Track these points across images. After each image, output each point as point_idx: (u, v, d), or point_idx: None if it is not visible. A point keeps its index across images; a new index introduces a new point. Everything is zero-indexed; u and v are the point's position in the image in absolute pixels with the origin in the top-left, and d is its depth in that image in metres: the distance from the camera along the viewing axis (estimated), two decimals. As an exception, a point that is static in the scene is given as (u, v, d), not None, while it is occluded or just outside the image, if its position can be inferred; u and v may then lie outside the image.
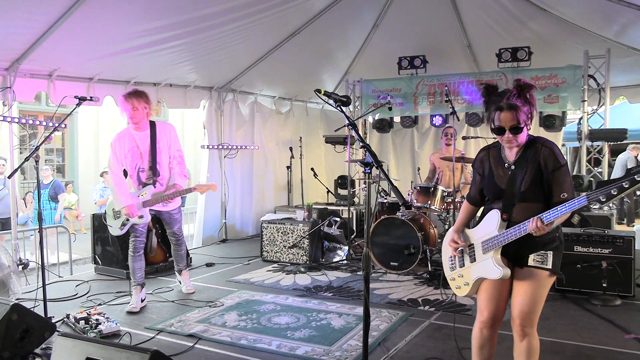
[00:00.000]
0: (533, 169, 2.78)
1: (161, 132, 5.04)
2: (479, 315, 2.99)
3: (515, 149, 2.86)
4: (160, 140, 5.03)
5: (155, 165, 5.00)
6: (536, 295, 2.81)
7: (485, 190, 3.00)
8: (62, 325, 4.49)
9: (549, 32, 7.59)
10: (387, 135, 9.75)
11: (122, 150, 4.98)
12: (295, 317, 4.78)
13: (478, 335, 3.02)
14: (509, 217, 2.81)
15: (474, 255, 2.97)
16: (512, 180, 2.83)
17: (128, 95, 4.91)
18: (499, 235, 2.81)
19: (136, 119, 4.92)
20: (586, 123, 7.39)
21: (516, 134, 2.77)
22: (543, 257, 2.80)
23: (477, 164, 3.08)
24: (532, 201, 2.77)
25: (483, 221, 2.96)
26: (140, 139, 5.01)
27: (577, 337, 4.21)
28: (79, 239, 10.77)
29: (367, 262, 2.77)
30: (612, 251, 5.15)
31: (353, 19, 8.07)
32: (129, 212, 4.91)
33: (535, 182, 2.77)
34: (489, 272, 2.85)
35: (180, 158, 5.12)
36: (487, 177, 2.97)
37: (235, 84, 8.77)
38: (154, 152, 4.99)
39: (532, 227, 2.61)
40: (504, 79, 7.78)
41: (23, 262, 5.89)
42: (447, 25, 8.15)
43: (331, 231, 7.36)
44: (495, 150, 2.99)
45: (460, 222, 3.13)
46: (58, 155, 14.24)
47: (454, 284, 3.13)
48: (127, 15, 5.64)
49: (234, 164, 9.04)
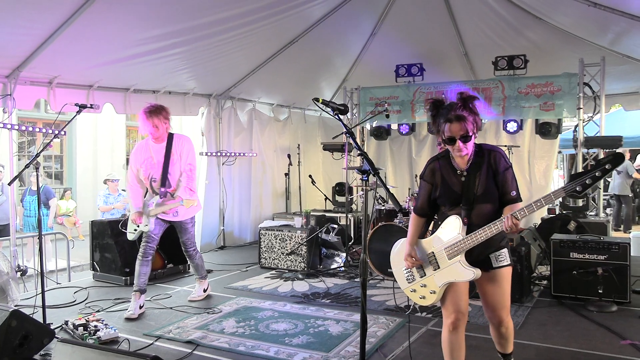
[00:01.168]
0: (486, 173, 3.00)
1: (176, 145, 5.12)
2: (447, 318, 3.14)
3: (465, 157, 3.03)
4: (175, 153, 5.10)
5: (166, 176, 5.07)
6: (507, 289, 3.15)
7: (442, 199, 3.13)
8: (60, 332, 4.50)
9: (544, 41, 7.66)
10: (384, 142, 9.81)
11: (137, 161, 5.14)
12: (293, 324, 4.80)
13: (448, 339, 3.15)
14: (469, 220, 3.00)
15: (436, 263, 3.09)
16: (468, 186, 3.02)
17: (149, 114, 4.97)
18: (466, 239, 2.96)
19: (156, 135, 5.05)
20: (582, 130, 7.45)
21: (466, 142, 2.95)
22: (502, 255, 3.09)
23: (428, 175, 3.19)
24: (487, 202, 3.00)
25: (441, 228, 3.09)
26: (156, 150, 5.11)
27: (573, 344, 4.24)
28: (77, 246, 10.78)
29: (364, 269, 2.81)
30: (608, 257, 5.18)
31: (351, 27, 8.14)
32: (133, 218, 5.11)
33: (489, 184, 2.99)
34: (461, 275, 3.01)
35: (190, 172, 5.15)
36: (442, 186, 3.12)
37: (233, 91, 8.83)
38: (167, 164, 5.06)
39: (507, 225, 2.81)
40: (500, 86, 7.85)
41: (22, 268, 5.90)
42: (444, 34, 8.22)
43: (329, 238, 7.38)
44: (445, 160, 3.14)
45: (413, 235, 3.23)
46: (56, 162, 14.25)
47: (415, 295, 3.23)
48: (127, 23, 5.70)
49: (232, 170, 9.08)
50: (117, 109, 7.31)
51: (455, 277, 3.04)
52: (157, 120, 4.99)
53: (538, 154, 8.60)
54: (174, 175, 5.10)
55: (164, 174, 5.07)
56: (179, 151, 5.11)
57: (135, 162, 5.15)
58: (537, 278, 6.12)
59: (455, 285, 3.09)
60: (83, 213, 12.90)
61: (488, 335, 4.16)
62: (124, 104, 7.33)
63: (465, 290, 3.15)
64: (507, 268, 3.11)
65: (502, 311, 3.16)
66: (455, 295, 3.11)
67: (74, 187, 13.89)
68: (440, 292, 3.11)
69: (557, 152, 9.08)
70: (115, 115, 10.20)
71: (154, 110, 5.00)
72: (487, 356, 3.90)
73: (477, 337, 4.23)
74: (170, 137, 5.12)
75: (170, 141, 5.11)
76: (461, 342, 3.17)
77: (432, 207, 3.23)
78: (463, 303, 3.13)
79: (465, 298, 3.14)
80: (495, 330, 3.30)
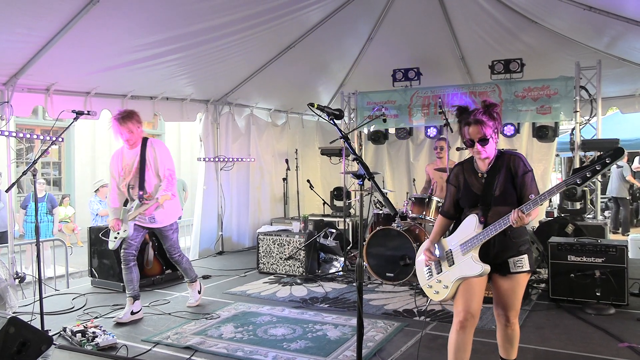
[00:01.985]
0: (504, 176, 3.12)
1: (150, 150, 5.10)
2: (456, 317, 3.18)
3: (486, 160, 3.18)
4: (149, 158, 5.08)
5: (143, 182, 5.06)
6: (520, 294, 3.23)
7: (462, 200, 3.29)
8: (59, 339, 4.48)
9: (540, 44, 7.69)
10: (382, 146, 9.82)
11: (116, 170, 5.17)
12: (291, 329, 4.79)
13: (454, 338, 3.17)
14: (486, 219, 3.10)
15: (452, 259, 3.22)
16: (487, 187, 3.16)
17: (122, 120, 4.98)
18: (478, 234, 3.07)
19: (132, 140, 5.06)
20: (579, 133, 7.47)
21: (484, 145, 3.11)
22: (521, 261, 3.15)
23: (452, 178, 3.39)
24: (505, 204, 3.06)
25: (460, 227, 3.24)
26: (130, 157, 5.12)
27: (571, 346, 4.24)
28: (76, 252, 10.77)
29: (360, 273, 2.82)
30: (606, 260, 5.19)
31: (348, 31, 8.16)
32: (112, 225, 5.13)
33: (507, 186, 3.10)
34: (470, 270, 3.10)
35: (170, 177, 5.09)
36: (463, 188, 3.28)
37: (231, 96, 8.84)
38: (142, 169, 5.06)
39: (513, 217, 2.90)
40: (497, 90, 7.87)
41: (20, 275, 5.89)
42: (440, 38, 8.24)
43: (327, 242, 7.39)
44: (468, 164, 3.33)
45: (436, 233, 3.43)
46: (55, 169, 14.25)
47: (431, 290, 3.36)
48: (124, 30, 5.71)
49: (230, 176, 9.09)
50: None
51: (465, 272, 3.12)
52: (131, 125, 4.99)
53: (535, 157, 8.61)
54: (149, 181, 5.08)
55: (140, 179, 5.06)
56: (153, 155, 5.09)
57: (115, 170, 5.18)
58: (535, 281, 6.13)
59: (468, 285, 3.13)
60: (81, 219, 12.88)
61: (487, 339, 4.18)
62: (121, 110, 7.33)
63: (479, 292, 3.16)
64: (524, 275, 3.18)
65: (511, 312, 3.24)
66: (468, 294, 3.14)
67: (72, 193, 13.88)
68: (453, 288, 3.18)
69: (554, 155, 9.10)
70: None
71: (126, 116, 5.00)
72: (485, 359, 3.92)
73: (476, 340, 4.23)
74: (144, 142, 5.11)
75: (145, 146, 5.10)
76: (467, 343, 3.16)
77: (457, 210, 3.37)
78: (474, 304, 3.13)
79: (477, 299, 3.16)
80: (502, 331, 3.33)
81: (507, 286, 3.18)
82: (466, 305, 3.13)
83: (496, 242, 3.10)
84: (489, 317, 4.80)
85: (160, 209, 5.09)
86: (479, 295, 3.17)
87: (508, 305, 3.22)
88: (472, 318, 3.13)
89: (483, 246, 3.10)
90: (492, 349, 3.67)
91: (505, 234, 3.08)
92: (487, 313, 4.88)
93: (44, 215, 9.72)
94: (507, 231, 3.05)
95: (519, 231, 3.14)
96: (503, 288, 3.20)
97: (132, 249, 5.19)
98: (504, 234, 3.07)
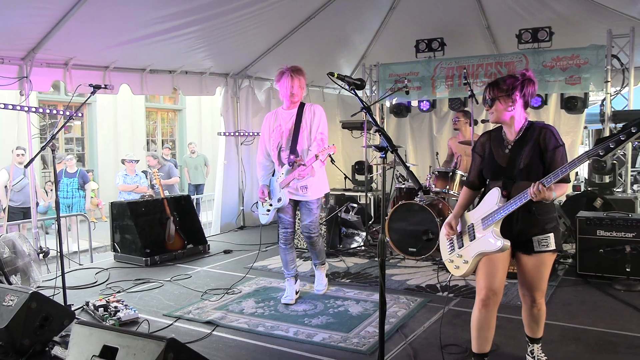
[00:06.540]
0: (532, 148, 2.95)
1: (309, 112, 4.82)
2: (478, 295, 3.08)
3: (514, 130, 3.03)
4: (306, 120, 4.80)
5: (295, 145, 4.76)
6: (546, 274, 3.09)
7: (485, 170, 3.15)
8: (81, 313, 4.53)
9: (570, 12, 7.39)
10: (404, 119, 9.65)
11: (268, 130, 4.88)
12: (312, 304, 4.76)
13: (477, 316, 3.08)
14: (509, 194, 2.94)
15: (473, 234, 3.09)
16: (512, 159, 3.00)
17: (295, 73, 4.68)
18: (499, 209, 2.92)
19: (297, 97, 4.77)
20: (609, 104, 7.20)
21: (491, 106, 3.01)
22: (546, 239, 2.98)
23: (479, 147, 3.25)
24: (529, 179, 2.85)
25: (483, 201, 3.08)
26: (285, 118, 4.84)
27: (599, 323, 4.13)
28: (100, 227, 10.92)
29: (382, 249, 2.72)
30: (636, 235, 5.03)
31: (369, 1, 7.94)
32: (259, 193, 4.93)
33: (534, 160, 2.93)
34: (490, 245, 2.96)
35: (321, 141, 4.75)
36: (488, 157, 3.14)
37: (250, 70, 8.73)
38: (296, 133, 4.76)
39: (533, 190, 2.71)
40: (524, 60, 7.61)
41: (44, 250, 5.95)
42: (465, 7, 7.98)
43: (349, 217, 7.31)
44: (496, 133, 3.17)
45: (459, 206, 3.28)
46: (78, 144, 14.39)
47: (452, 265, 3.24)
48: (141, 2, 5.62)
49: (251, 150, 9.02)
50: (134, 89, 7.28)
51: (485, 248, 2.98)
52: (303, 80, 4.74)
53: (563, 129, 8.34)
54: (302, 145, 4.78)
55: (293, 142, 4.76)
56: (311, 118, 4.80)
57: (265, 131, 4.90)
58: (561, 256, 5.99)
59: (490, 261, 3.01)
60: (105, 194, 13.05)
61: (512, 315, 4.08)
62: (140, 84, 7.30)
63: (502, 268, 3.04)
64: (550, 254, 3.02)
65: (537, 292, 3.11)
66: (489, 271, 3.01)
67: (95, 169, 14.04)
68: (473, 263, 3.06)
69: (582, 127, 8.82)
70: (134, 96, 10.21)
71: (298, 70, 4.71)
72: (510, 337, 3.83)
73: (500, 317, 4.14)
74: (301, 106, 4.83)
75: (301, 110, 4.82)
76: (490, 321, 3.06)
77: (481, 181, 3.24)
78: (497, 281, 3.01)
79: (500, 276, 3.03)
80: (528, 311, 3.22)
81: (532, 265, 3.03)
82: (488, 282, 3.00)
83: (520, 218, 2.95)
84: (515, 293, 4.69)
85: (310, 178, 4.73)
86: (502, 272, 3.04)
87: (533, 286, 3.09)
88: (494, 296, 3.01)
89: (506, 222, 2.95)
90: (518, 326, 3.57)
91: (530, 210, 2.92)
92: (512, 289, 4.78)
93: (76, 191, 9.84)
94: (531, 207, 2.90)
95: (545, 207, 2.97)
96: (527, 267, 3.06)
97: (291, 227, 4.93)
98: (528, 211, 2.92)
